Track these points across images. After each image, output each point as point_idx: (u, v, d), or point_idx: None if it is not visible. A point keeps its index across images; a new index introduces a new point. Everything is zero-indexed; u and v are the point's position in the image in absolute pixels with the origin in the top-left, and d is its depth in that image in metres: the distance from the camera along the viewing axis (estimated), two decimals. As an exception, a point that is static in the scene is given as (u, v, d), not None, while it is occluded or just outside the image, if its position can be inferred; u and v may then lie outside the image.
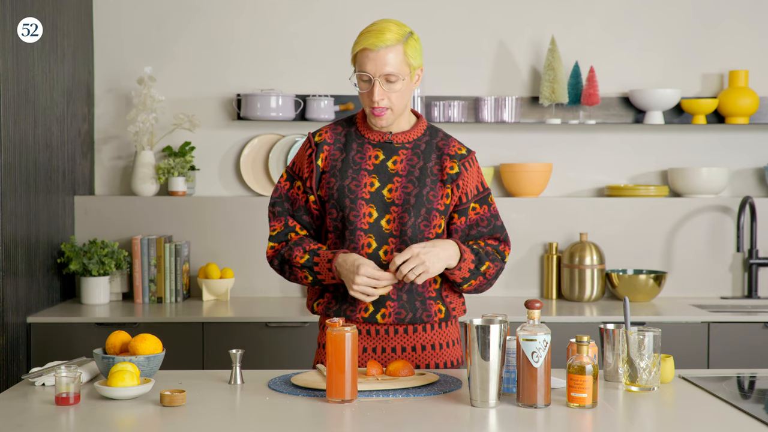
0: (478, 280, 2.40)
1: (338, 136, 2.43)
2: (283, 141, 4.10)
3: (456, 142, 2.46)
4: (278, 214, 2.45)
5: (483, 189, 2.46)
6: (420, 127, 2.45)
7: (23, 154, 3.40)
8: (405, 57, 2.32)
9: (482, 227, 2.44)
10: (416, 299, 2.38)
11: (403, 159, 2.40)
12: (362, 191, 2.37)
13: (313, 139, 2.44)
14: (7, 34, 3.25)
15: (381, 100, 2.32)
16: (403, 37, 2.32)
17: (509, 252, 2.48)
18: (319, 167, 2.41)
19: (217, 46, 4.13)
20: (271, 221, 2.46)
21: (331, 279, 2.34)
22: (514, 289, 4.09)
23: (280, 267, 2.43)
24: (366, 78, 2.33)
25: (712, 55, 4.20)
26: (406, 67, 2.33)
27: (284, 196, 2.46)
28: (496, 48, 4.17)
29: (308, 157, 2.43)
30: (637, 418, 2.02)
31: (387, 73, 2.30)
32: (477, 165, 2.46)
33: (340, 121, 2.48)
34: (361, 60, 2.32)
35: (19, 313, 3.40)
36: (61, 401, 2.04)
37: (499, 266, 2.43)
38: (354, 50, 2.35)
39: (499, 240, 2.46)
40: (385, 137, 2.41)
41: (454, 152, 2.43)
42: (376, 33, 2.30)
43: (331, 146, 2.42)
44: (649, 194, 4.10)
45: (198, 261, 4.04)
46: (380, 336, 2.40)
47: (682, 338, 3.55)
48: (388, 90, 2.32)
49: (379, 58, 2.29)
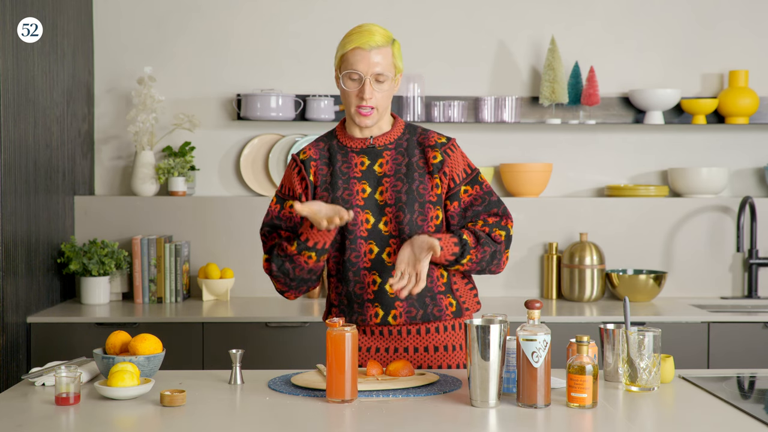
0: (466, 265, 2.38)
1: (322, 151, 2.46)
2: (283, 141, 4.10)
3: (435, 133, 2.48)
4: (269, 233, 2.48)
5: (471, 170, 2.46)
6: (398, 127, 2.48)
7: (23, 154, 3.40)
8: (393, 58, 2.39)
9: (477, 206, 2.44)
10: (426, 295, 2.40)
11: (388, 160, 2.42)
12: (356, 199, 2.40)
13: (298, 157, 2.47)
14: (7, 34, 3.25)
15: (370, 98, 2.36)
16: (390, 40, 2.39)
17: (512, 224, 2.47)
18: (311, 182, 2.43)
19: (217, 46, 4.13)
20: (265, 243, 2.48)
21: (320, 236, 2.33)
22: (514, 289, 4.09)
23: (281, 269, 2.41)
24: (356, 77, 2.36)
25: (712, 55, 4.19)
26: (393, 68, 2.39)
27: (275, 218, 2.47)
28: (496, 48, 4.17)
29: (298, 175, 2.45)
30: (637, 418, 2.02)
31: (377, 73, 2.35)
32: (460, 150, 2.48)
33: (320, 137, 2.51)
34: (351, 59, 2.36)
35: (19, 313, 3.40)
36: (61, 401, 2.04)
37: (490, 251, 2.40)
38: (343, 49, 2.38)
39: (498, 215, 2.45)
40: (366, 142, 2.44)
41: (434, 142, 2.45)
42: (366, 34, 2.36)
43: (317, 161, 2.45)
44: (649, 194, 4.10)
45: (198, 261, 4.04)
46: (393, 336, 2.42)
47: (682, 338, 3.55)
48: (377, 89, 2.37)
49: (371, 58, 2.35)
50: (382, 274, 2.38)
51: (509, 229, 2.45)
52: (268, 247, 2.46)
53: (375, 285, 2.38)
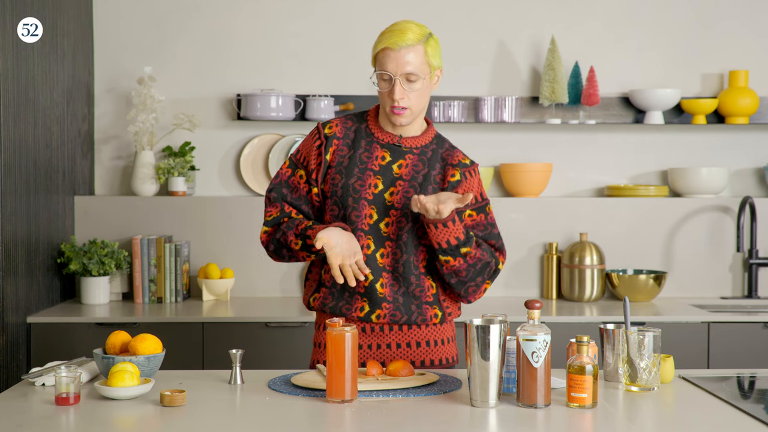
0: (458, 261, 2.35)
1: (348, 131, 2.43)
2: (283, 141, 4.10)
3: (460, 153, 2.47)
4: (274, 199, 2.45)
5: (482, 199, 2.46)
6: (429, 134, 2.46)
7: (23, 154, 3.40)
8: (425, 57, 2.34)
9: (477, 231, 2.43)
10: (412, 302, 2.39)
11: (408, 164, 2.40)
12: (366, 192, 2.37)
13: (323, 130, 2.43)
14: (7, 34, 3.25)
15: (401, 99, 2.33)
16: (423, 37, 2.34)
17: (504, 260, 2.45)
18: (327, 161, 2.41)
19: (217, 46, 4.13)
20: (267, 207, 2.45)
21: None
22: (514, 289, 4.09)
23: (277, 252, 2.42)
24: (387, 77, 2.34)
25: (712, 55, 4.19)
26: (427, 66, 2.35)
27: (284, 183, 2.45)
28: (496, 48, 4.17)
29: (316, 149, 2.42)
30: (637, 418, 2.02)
31: (408, 72, 2.32)
32: (478, 177, 2.46)
33: (350, 116, 2.48)
34: (382, 59, 2.34)
35: (19, 313, 3.40)
36: (61, 401, 2.04)
37: (484, 260, 2.38)
38: (375, 50, 2.36)
39: (495, 248, 2.45)
40: (395, 139, 2.42)
41: (457, 161, 2.43)
42: (397, 33, 2.32)
43: (340, 141, 2.42)
44: (649, 194, 4.10)
45: (198, 261, 4.04)
46: (375, 333, 2.41)
47: (682, 338, 3.55)
48: (409, 89, 2.33)
49: (401, 58, 2.31)
50: (374, 273, 2.37)
51: (499, 262, 2.44)
52: (271, 217, 2.43)
53: (367, 281, 2.37)
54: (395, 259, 2.38)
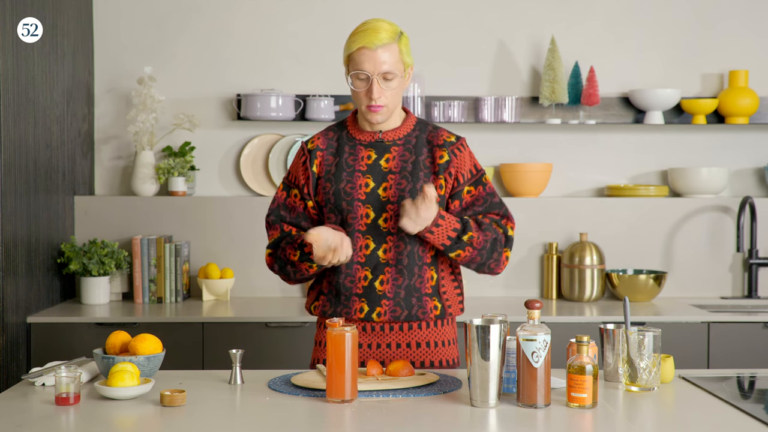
0: (467, 251, 2.36)
1: (330, 141, 2.46)
2: (283, 141, 4.10)
3: (445, 131, 2.47)
4: (273, 222, 2.48)
5: (477, 171, 2.45)
6: (409, 122, 2.47)
7: (23, 154, 3.40)
8: (400, 55, 2.36)
9: (478, 206, 2.43)
10: (413, 296, 2.39)
11: (395, 156, 2.42)
12: (358, 193, 2.39)
13: (306, 146, 2.47)
14: (7, 34, 3.25)
15: (379, 98, 2.34)
16: (396, 36, 2.36)
17: (513, 225, 2.44)
18: (314, 173, 2.44)
19: (217, 46, 4.13)
20: (268, 231, 2.49)
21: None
22: (514, 289, 4.09)
23: (282, 271, 2.45)
24: (363, 77, 2.35)
25: (712, 55, 4.19)
26: (401, 64, 2.37)
27: (281, 206, 2.49)
28: (496, 48, 4.17)
29: (302, 165, 2.46)
30: (637, 418, 2.02)
31: (385, 71, 2.34)
32: (468, 150, 2.46)
33: (331, 126, 2.51)
34: (358, 59, 2.34)
35: (19, 313, 3.40)
36: (61, 401, 2.04)
37: (491, 237, 2.38)
38: (349, 50, 2.37)
39: (499, 215, 2.44)
40: (375, 136, 2.43)
41: (443, 141, 2.44)
42: (371, 32, 2.33)
43: (324, 152, 2.45)
44: (649, 194, 4.10)
45: (198, 261, 4.04)
46: (376, 332, 2.42)
47: (682, 338, 3.55)
48: (386, 88, 2.35)
49: (377, 57, 2.33)
50: (374, 271, 2.38)
51: (508, 229, 2.43)
52: (272, 240, 2.46)
53: (365, 281, 2.38)
54: (398, 251, 2.38)
